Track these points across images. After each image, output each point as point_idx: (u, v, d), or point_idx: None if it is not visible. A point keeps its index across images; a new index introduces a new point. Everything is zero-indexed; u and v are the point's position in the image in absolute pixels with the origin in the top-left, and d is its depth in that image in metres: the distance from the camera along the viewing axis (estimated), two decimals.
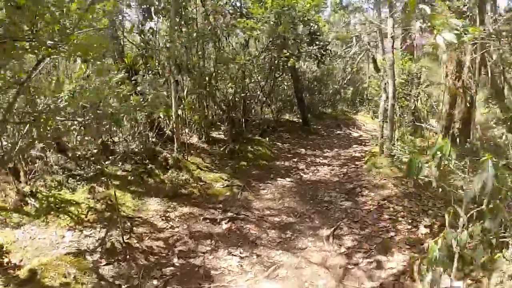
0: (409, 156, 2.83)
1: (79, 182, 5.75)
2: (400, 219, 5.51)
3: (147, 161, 7.10)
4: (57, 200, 5.21)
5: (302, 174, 8.10)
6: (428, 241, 4.71)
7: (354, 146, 11.11)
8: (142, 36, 7.88)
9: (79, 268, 4.15)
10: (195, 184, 6.73)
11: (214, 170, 7.53)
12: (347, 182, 7.44)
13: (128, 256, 4.45)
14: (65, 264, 4.17)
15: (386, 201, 6.13)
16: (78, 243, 4.57)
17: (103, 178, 6.08)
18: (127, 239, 4.75)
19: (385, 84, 8.42)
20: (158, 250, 4.71)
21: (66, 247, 4.48)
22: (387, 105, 8.30)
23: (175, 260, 4.55)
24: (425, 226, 5.28)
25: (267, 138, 10.14)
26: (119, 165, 6.64)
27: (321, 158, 9.51)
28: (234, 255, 4.69)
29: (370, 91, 18.12)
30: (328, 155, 9.94)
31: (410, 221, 5.43)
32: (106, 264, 4.29)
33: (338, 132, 13.64)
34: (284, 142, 10.77)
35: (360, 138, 12.75)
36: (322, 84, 15.26)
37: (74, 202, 5.26)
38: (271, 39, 9.66)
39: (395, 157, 7.78)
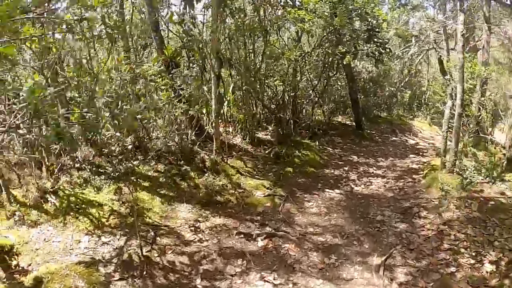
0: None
1: (106, 181, 5.28)
2: (462, 250, 4.60)
3: (182, 161, 6.57)
4: (78, 200, 4.76)
5: (353, 186, 7.26)
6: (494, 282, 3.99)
7: (411, 156, 10.06)
8: (183, 26, 7.34)
9: (89, 281, 3.66)
10: (233, 191, 6.10)
11: (256, 176, 6.86)
12: (403, 199, 6.53)
13: (145, 272, 3.89)
14: (74, 274, 3.70)
15: (447, 226, 5.21)
16: (93, 251, 4.08)
17: (132, 178, 5.60)
18: (148, 251, 4.19)
19: (452, 89, 7.38)
20: (181, 267, 4.11)
21: (80, 254, 4.01)
22: (453, 113, 7.27)
23: (198, 281, 3.93)
24: (491, 262, 4.36)
25: (317, 142, 9.34)
26: (152, 164, 6.14)
27: (374, 168, 8.59)
28: (267, 281, 4.00)
29: (429, 96, 16.83)
30: (383, 164, 8.99)
31: (473, 253, 4.52)
32: (119, 279, 3.75)
33: (394, 138, 12.56)
34: (335, 147, 9.92)
35: (417, 147, 11.63)
36: (377, 85, 14.19)
37: (97, 204, 4.79)
38: (325, 34, 8.85)
39: (460, 173, 6.76)
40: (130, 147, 6.19)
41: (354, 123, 12.09)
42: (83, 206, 4.68)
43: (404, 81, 15.92)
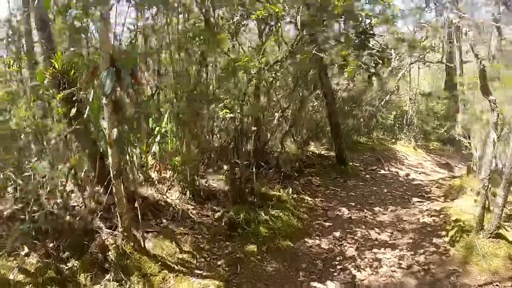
0: None
1: None
2: None
3: (68, 252, 3.71)
4: None
5: (354, 272, 4.56)
6: None
7: (415, 200, 7.52)
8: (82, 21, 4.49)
9: None
10: None
11: (196, 271, 4.03)
12: None
13: None
14: None
15: None
16: None
17: None
18: None
19: (498, 116, 4.85)
20: None
21: None
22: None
23: None
24: None
25: (291, 190, 6.61)
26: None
27: (376, 228, 5.95)
28: None
29: (413, 115, 14.63)
30: (385, 219, 6.37)
31: None
32: None
33: (382, 172, 10.05)
34: (316, 194, 7.21)
35: (414, 183, 9.17)
36: (357, 106, 11.73)
37: None
38: (299, 38, 6.24)
39: None
40: None
41: (333, 154, 9.46)
42: None
43: (384, 99, 13.58)
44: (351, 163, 9.79)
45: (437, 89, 15.76)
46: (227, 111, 5.25)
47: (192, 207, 5.45)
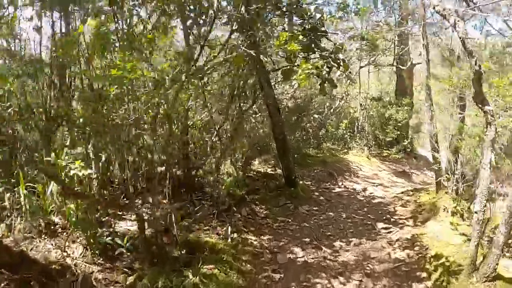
0: None
1: None
2: None
3: None
4: None
5: None
6: None
7: (379, 226, 6.35)
8: None
9: None
10: None
11: None
12: None
13: None
14: None
15: None
16: None
17: None
18: None
19: (496, 132, 3.69)
20: None
21: None
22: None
23: None
24: None
25: (229, 228, 5.15)
26: None
27: (340, 276, 4.62)
28: None
29: (364, 122, 13.71)
30: (349, 259, 5.08)
31: None
32: None
33: (337, 189, 8.89)
34: (261, 229, 5.81)
35: (375, 201, 8.07)
36: (305, 116, 10.53)
37: None
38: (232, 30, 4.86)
39: None
40: None
41: (280, 172, 8.11)
42: None
43: (333, 106, 12.52)
44: (302, 182, 8.54)
45: (386, 93, 15.03)
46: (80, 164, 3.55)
47: (99, 268, 3.89)
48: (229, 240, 4.95)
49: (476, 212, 3.88)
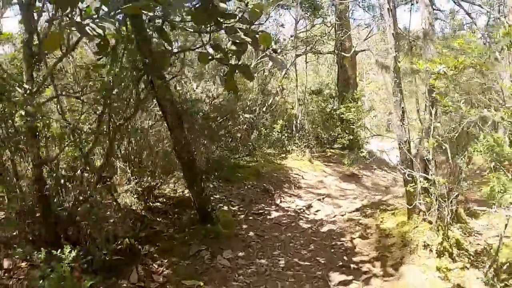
0: None
1: None
2: None
3: None
4: None
5: None
6: None
7: (335, 280, 4.37)
8: None
9: None
10: None
11: None
12: None
13: None
14: None
15: None
16: None
17: None
18: None
19: None
20: None
21: None
22: None
23: None
24: None
25: None
26: None
27: None
28: None
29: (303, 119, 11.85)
30: None
31: None
32: None
33: (273, 214, 6.84)
34: None
35: (324, 229, 6.14)
36: (231, 117, 8.38)
37: None
38: None
39: None
40: None
41: (193, 202, 5.85)
42: None
43: (267, 103, 10.45)
44: (226, 207, 6.43)
45: (326, 85, 13.24)
46: None
47: None
48: None
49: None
